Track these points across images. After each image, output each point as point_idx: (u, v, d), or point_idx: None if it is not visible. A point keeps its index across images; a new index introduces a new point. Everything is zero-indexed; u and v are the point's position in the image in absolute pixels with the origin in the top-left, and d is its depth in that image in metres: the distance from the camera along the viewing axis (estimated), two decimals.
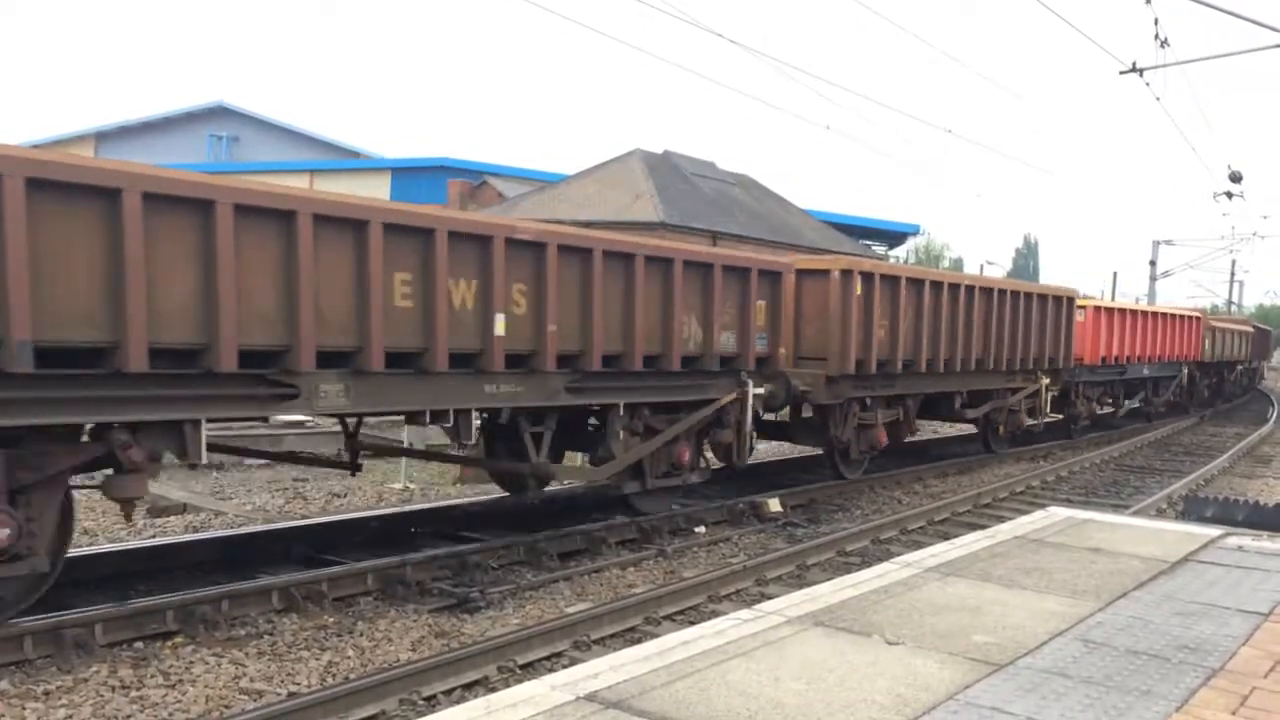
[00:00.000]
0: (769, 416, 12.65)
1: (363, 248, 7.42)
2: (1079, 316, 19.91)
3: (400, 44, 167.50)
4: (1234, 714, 3.83)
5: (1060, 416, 20.53)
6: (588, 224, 39.79)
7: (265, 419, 7.65)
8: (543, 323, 8.80)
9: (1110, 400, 23.33)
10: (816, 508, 12.63)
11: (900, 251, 61.33)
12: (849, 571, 8.00)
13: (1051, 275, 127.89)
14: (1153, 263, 57.73)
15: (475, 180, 50.94)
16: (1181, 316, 27.22)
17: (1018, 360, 17.18)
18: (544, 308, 8.79)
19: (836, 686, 3.94)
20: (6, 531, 6.21)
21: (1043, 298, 18.14)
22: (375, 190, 59.54)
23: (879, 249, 58.30)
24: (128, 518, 7.55)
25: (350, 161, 65.48)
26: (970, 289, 15.60)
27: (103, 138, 68.56)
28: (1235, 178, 28.22)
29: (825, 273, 12.84)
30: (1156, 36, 16.29)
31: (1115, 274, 75.09)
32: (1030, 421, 18.02)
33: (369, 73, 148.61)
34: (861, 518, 12.23)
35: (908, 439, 15.61)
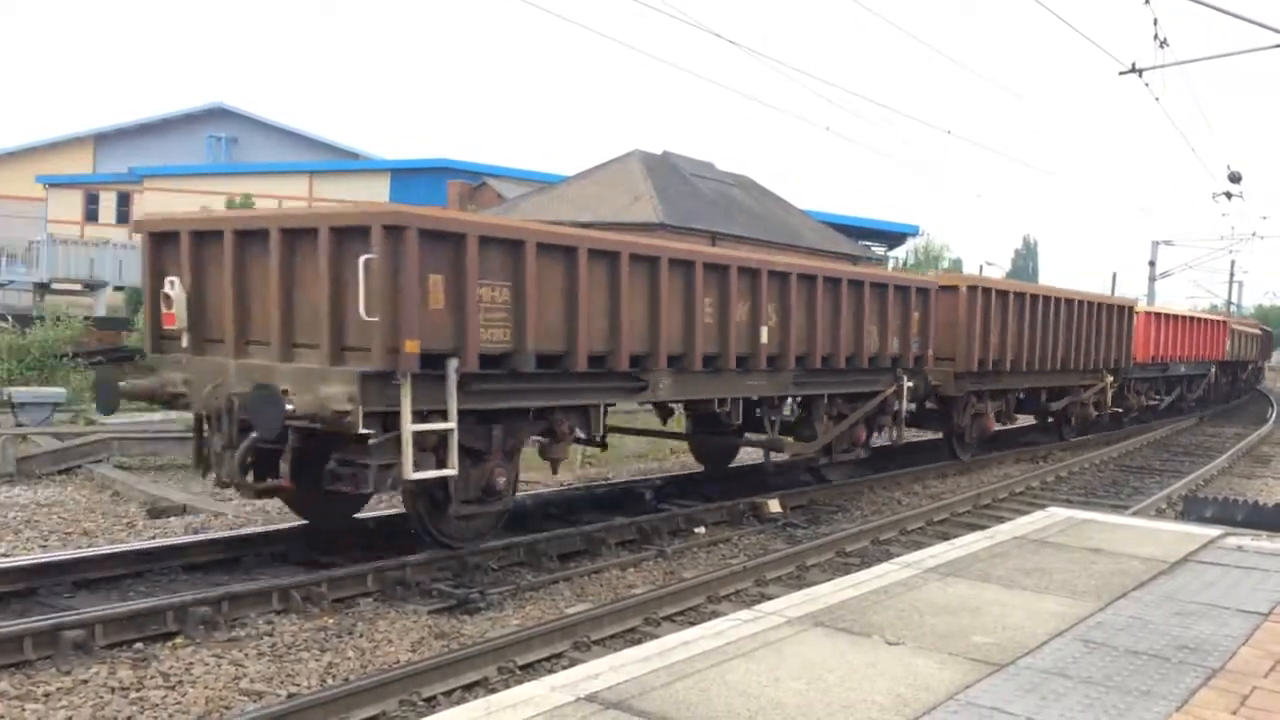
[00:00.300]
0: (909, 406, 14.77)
1: (690, 282, 10.28)
2: None
3: (400, 44, 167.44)
4: (1234, 714, 3.83)
5: (1120, 410, 23.26)
6: (587, 225, 39.78)
7: (614, 404, 10.36)
8: (787, 333, 11.62)
9: (1155, 395, 26.21)
10: (816, 509, 12.63)
11: (900, 252, 61.35)
12: (849, 572, 8.00)
13: (1051, 276, 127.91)
14: (1152, 263, 57.73)
15: (474, 181, 50.94)
16: (1209, 320, 30.84)
17: (1089, 361, 20.20)
18: (789, 322, 11.61)
19: (836, 687, 3.94)
20: (504, 480, 8.97)
21: (1109, 306, 21.64)
22: (374, 191, 59.53)
23: (878, 250, 58.30)
24: (554, 471, 10.72)
25: (349, 163, 65.50)
26: (1058, 300, 18.75)
27: (101, 139, 68.59)
28: (1235, 178, 28.23)
29: (955, 288, 15.79)
30: (1156, 37, 16.29)
31: (1115, 274, 75.12)
32: (1096, 414, 21.14)
33: (368, 74, 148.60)
34: (861, 518, 12.23)
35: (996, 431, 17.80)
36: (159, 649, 6.61)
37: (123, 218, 61.35)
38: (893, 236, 61.62)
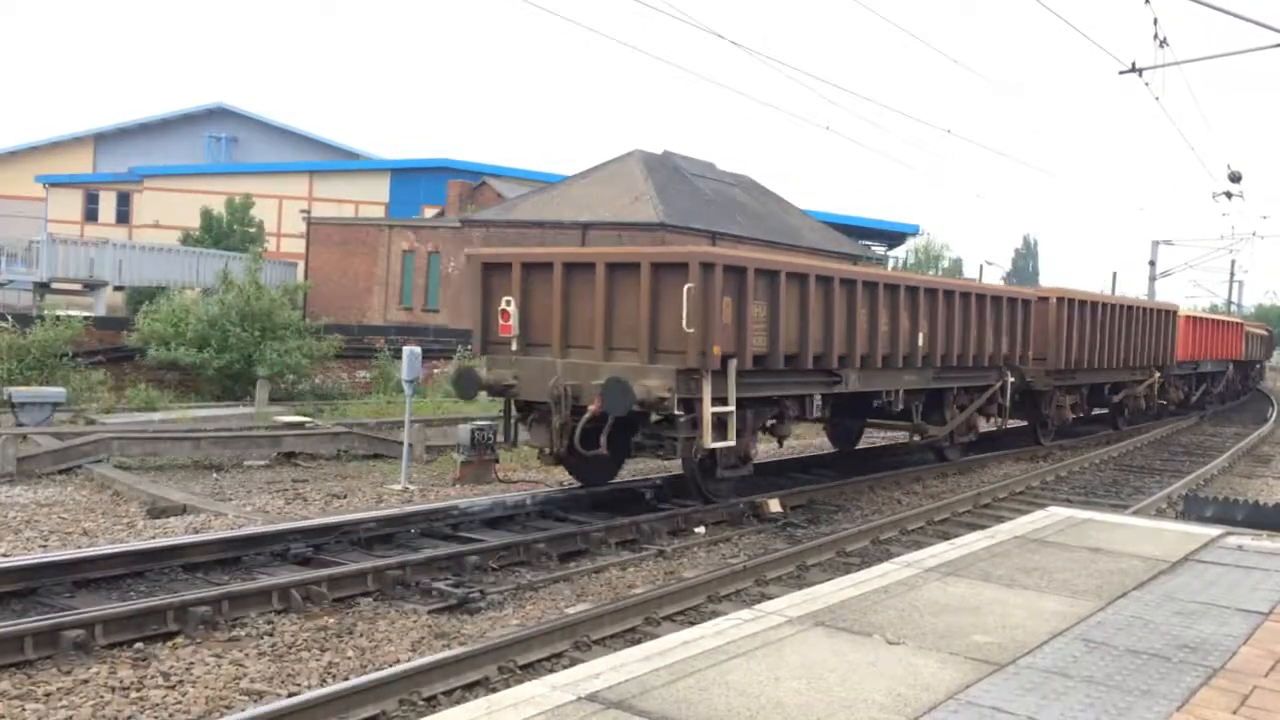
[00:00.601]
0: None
1: (874, 299, 13.03)
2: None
3: (400, 44, 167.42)
4: (1235, 713, 3.83)
5: (1164, 402, 26.14)
6: (587, 225, 39.92)
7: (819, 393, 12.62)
8: (934, 337, 14.38)
9: (1185, 390, 28.96)
10: (816, 508, 12.63)
11: (900, 251, 61.32)
12: (849, 572, 8.00)
13: (1051, 275, 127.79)
14: (1152, 263, 57.70)
15: (474, 181, 50.97)
16: (1229, 322, 34.52)
17: (1141, 359, 23.32)
18: (935, 328, 14.42)
19: (837, 686, 3.94)
20: (753, 450, 11.92)
21: (1158, 311, 24.96)
22: (374, 191, 59.56)
23: (878, 249, 58.29)
24: (780, 444, 14.34)
25: (350, 162, 65.49)
26: (1120, 307, 22.24)
27: (101, 139, 68.55)
28: (1234, 177, 28.23)
29: (1047, 299, 18.91)
30: (1156, 36, 16.28)
31: (1115, 274, 75.09)
32: (1145, 406, 24.40)
33: (368, 73, 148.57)
34: (861, 518, 12.23)
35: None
36: (159, 648, 6.61)
37: (122, 217, 61.38)
38: (893, 236, 61.62)
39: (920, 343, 14.01)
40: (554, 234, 39.29)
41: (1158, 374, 24.28)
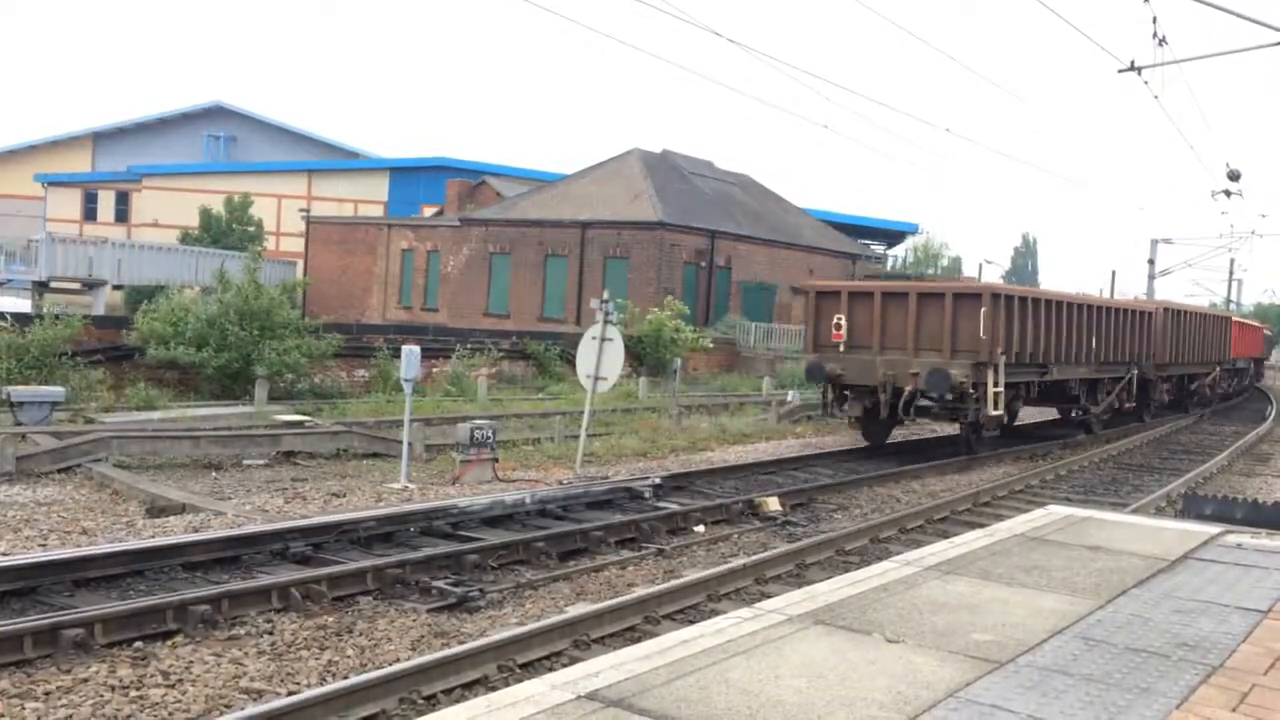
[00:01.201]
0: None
1: (1065, 315, 18.52)
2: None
3: (399, 43, 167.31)
4: (1234, 711, 3.83)
5: (1220, 391, 32.34)
6: (586, 224, 39.84)
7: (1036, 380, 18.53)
8: (1103, 341, 20.30)
9: (1230, 382, 35.18)
10: (815, 507, 12.63)
11: (899, 250, 61.29)
12: (848, 570, 8.00)
13: (1050, 273, 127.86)
14: (1151, 261, 57.62)
15: (473, 180, 50.94)
16: (1252, 325, 42.18)
17: (1207, 356, 28.99)
18: (1097, 335, 20.05)
19: (837, 684, 3.94)
20: (1005, 419, 18.17)
21: (1218, 317, 32.16)
22: (373, 190, 59.53)
23: (877, 248, 58.26)
24: (1011, 420, 20.03)
25: (348, 162, 65.46)
26: (1195, 314, 28.19)
27: (100, 138, 68.49)
28: (1234, 176, 28.24)
29: (1154, 310, 24.21)
30: (1155, 35, 16.28)
31: (1114, 273, 75.07)
32: (1209, 394, 30.51)
33: (367, 72, 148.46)
34: (861, 516, 12.23)
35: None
36: (159, 647, 6.60)
37: (121, 216, 61.35)
38: (892, 235, 61.61)
39: (1091, 344, 19.81)
40: (552, 232, 39.30)
41: (1218, 369, 30.74)
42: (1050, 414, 24.21)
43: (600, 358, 14.06)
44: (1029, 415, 23.82)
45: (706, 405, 24.50)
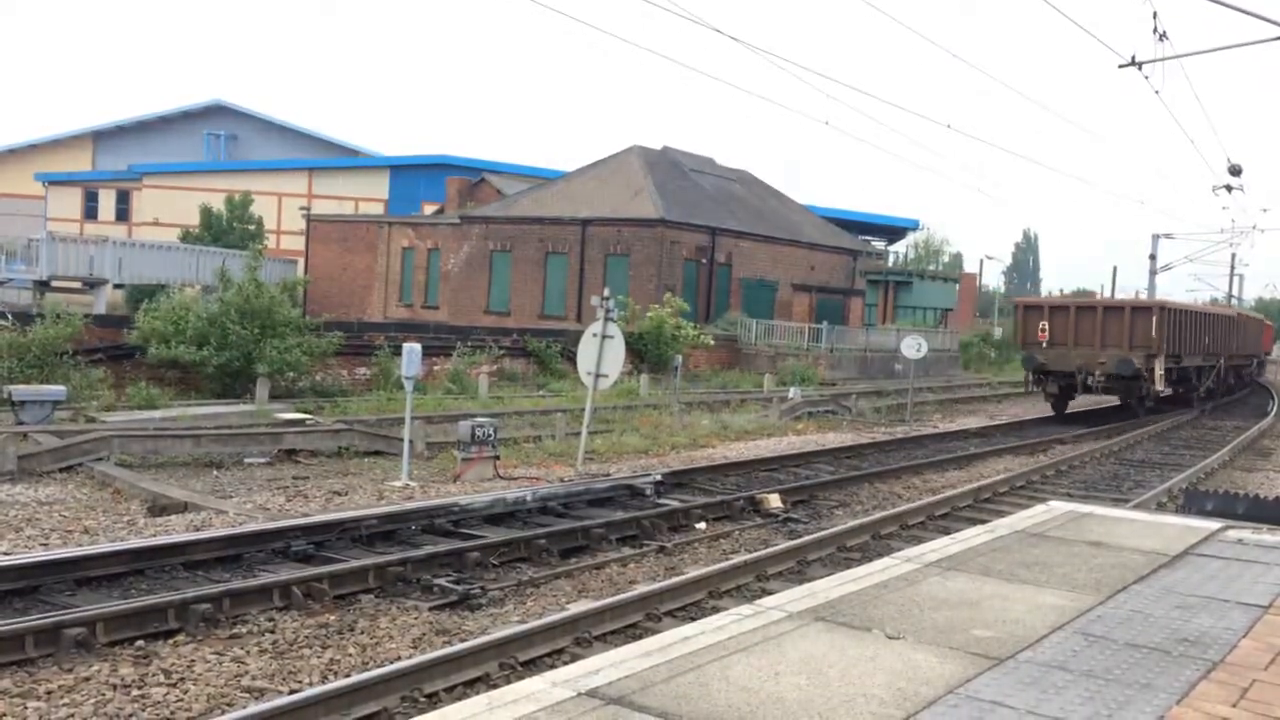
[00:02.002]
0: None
1: (1190, 319, 26.85)
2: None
3: (399, 41, 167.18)
4: (1234, 706, 3.83)
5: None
6: (587, 221, 39.78)
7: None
8: (1209, 338, 28.17)
9: (1258, 371, 42.60)
10: (817, 503, 12.63)
11: (900, 246, 61.25)
12: (849, 567, 8.01)
13: (1051, 270, 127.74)
14: (1153, 256, 57.51)
15: (473, 177, 50.91)
16: (1269, 325, 48.34)
17: (1251, 350, 36.82)
18: (1210, 334, 28.38)
19: (837, 681, 3.95)
20: (1165, 393, 25.74)
21: (1257, 320, 40.71)
22: (373, 188, 59.51)
23: (878, 244, 58.20)
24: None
25: (349, 159, 65.40)
26: (1247, 317, 36.98)
27: (100, 137, 68.46)
28: (1235, 171, 28.19)
29: (1235, 316, 33.40)
30: (1155, 30, 16.25)
31: (1115, 268, 75.00)
32: (1249, 379, 38.69)
33: (367, 71, 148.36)
34: (862, 513, 12.24)
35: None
36: (161, 646, 6.61)
37: (122, 215, 61.35)
38: (893, 231, 61.57)
39: (1205, 341, 27.24)
40: (553, 229, 39.28)
41: (1255, 360, 39.26)
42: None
43: (601, 355, 14.06)
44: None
45: (708, 402, 24.51)
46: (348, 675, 6.17)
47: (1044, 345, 24.49)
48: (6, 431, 13.50)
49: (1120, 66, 16.88)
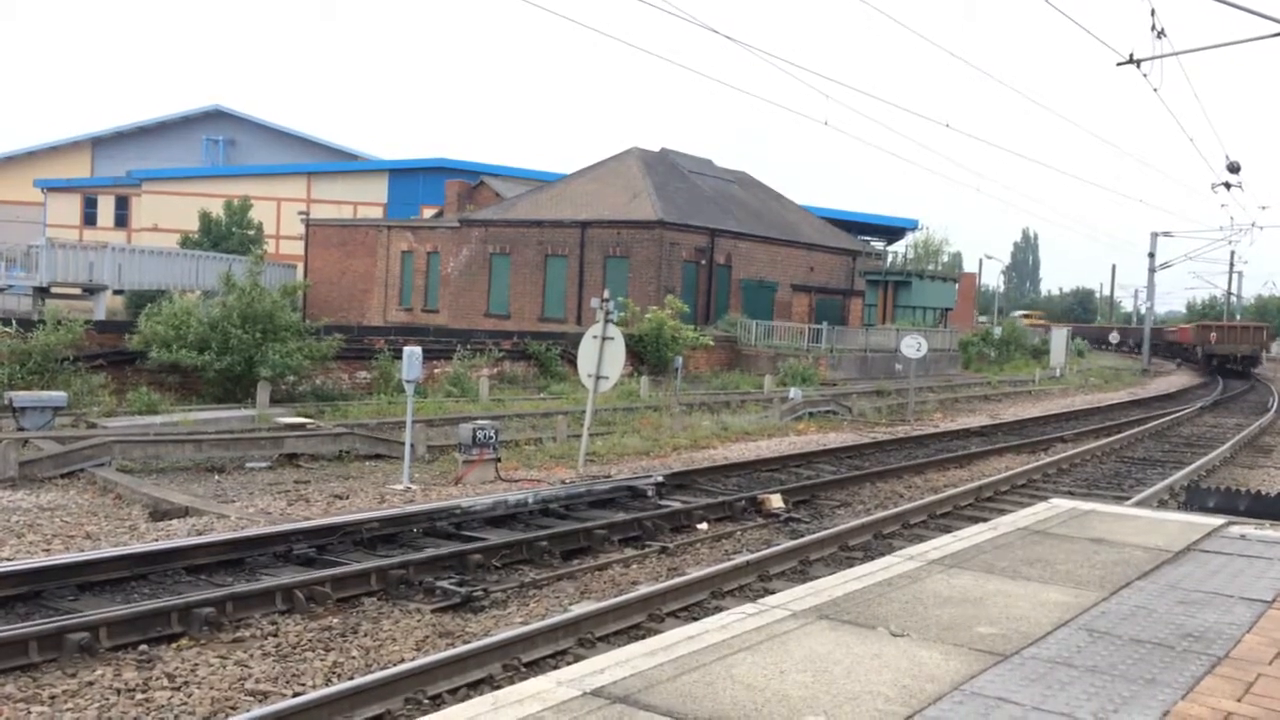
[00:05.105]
0: None
1: (1256, 334, 60.37)
2: None
3: (398, 46, 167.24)
4: (1239, 701, 3.83)
5: None
6: (586, 223, 39.81)
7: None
8: (1247, 338, 59.41)
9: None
10: (818, 503, 12.63)
11: (899, 246, 61.22)
12: (852, 565, 8.00)
13: (1051, 269, 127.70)
14: (1151, 255, 57.63)
15: (473, 180, 50.90)
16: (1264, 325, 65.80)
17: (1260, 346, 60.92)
18: (1248, 336, 58.76)
19: (842, 679, 3.94)
20: (1262, 368, 59.70)
21: (1258, 327, 63.44)
22: (372, 191, 59.50)
23: (877, 244, 58.20)
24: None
25: (347, 164, 65.38)
26: (1246, 325, 61.13)
27: (99, 143, 68.46)
28: (1234, 168, 28.19)
29: (1256, 326, 61.81)
30: (1153, 28, 16.26)
31: (1114, 266, 75.05)
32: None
33: (366, 74, 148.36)
34: (864, 512, 12.23)
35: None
36: (164, 650, 6.61)
37: (121, 221, 61.34)
38: (892, 231, 61.58)
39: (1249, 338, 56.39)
40: (552, 232, 39.29)
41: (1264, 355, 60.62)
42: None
43: (601, 357, 14.06)
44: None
45: (708, 403, 24.50)
46: (351, 678, 6.17)
47: (1213, 342, 55.40)
48: (8, 438, 13.50)
49: (1119, 64, 16.90)
